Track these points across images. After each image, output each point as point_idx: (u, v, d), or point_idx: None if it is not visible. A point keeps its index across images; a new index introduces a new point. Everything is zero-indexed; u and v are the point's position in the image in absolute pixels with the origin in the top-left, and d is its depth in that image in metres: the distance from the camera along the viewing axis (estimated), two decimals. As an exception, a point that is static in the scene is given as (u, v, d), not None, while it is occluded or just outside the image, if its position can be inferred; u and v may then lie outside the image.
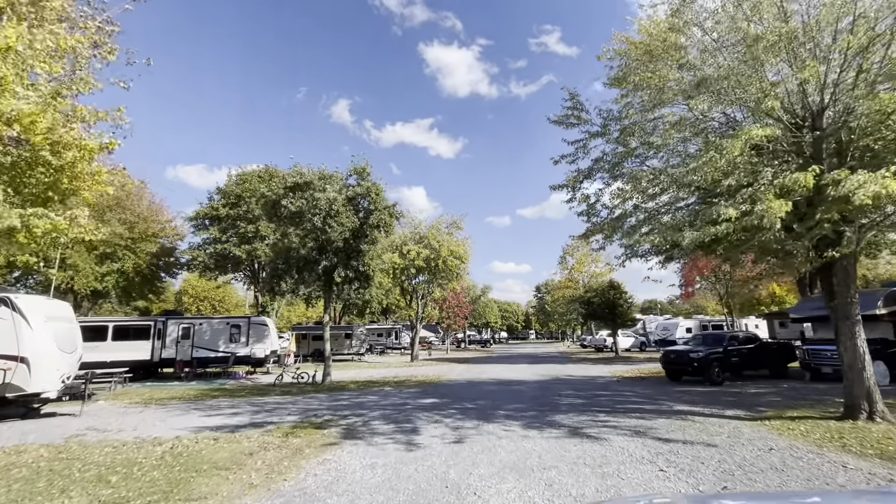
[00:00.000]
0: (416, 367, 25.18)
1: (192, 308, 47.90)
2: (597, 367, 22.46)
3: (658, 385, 14.36)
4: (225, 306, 51.58)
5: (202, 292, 48.18)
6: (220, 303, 50.22)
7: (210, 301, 49.06)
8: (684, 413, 9.38)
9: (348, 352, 32.27)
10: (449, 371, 21.69)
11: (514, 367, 23.15)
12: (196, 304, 48.42)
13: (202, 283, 48.38)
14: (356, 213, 16.19)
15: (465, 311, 41.26)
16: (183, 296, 48.80)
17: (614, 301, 30.93)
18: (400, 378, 18.63)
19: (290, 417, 9.96)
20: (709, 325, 37.75)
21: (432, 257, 26.25)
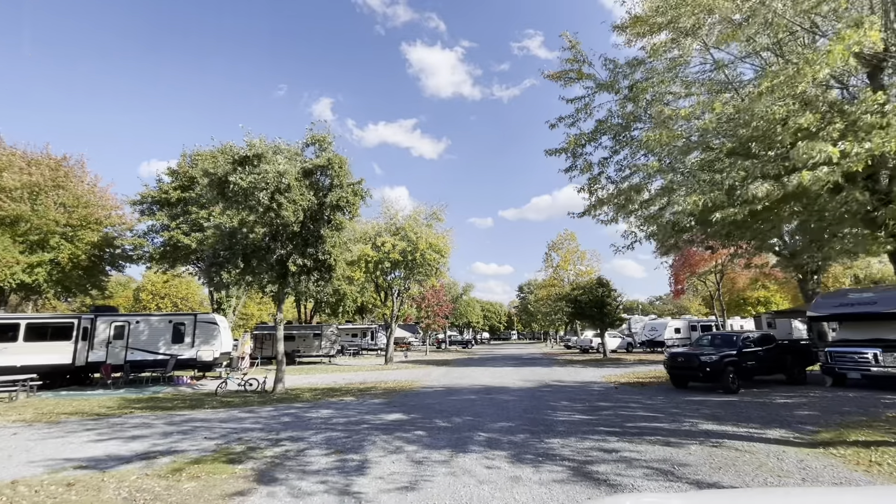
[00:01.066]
0: (389, 370, 22.82)
1: (152, 306, 44.41)
2: (587, 370, 20.49)
3: (664, 393, 12.37)
4: (189, 304, 48.15)
5: (162, 289, 44.73)
6: (184, 300, 46.81)
7: (172, 298, 45.63)
8: (715, 435, 7.32)
9: (317, 353, 29.66)
10: (424, 376, 19.40)
11: (497, 371, 21.00)
12: (156, 301, 44.95)
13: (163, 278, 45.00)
14: (315, 191, 13.76)
15: (446, 309, 39.02)
16: (141, 292, 45.24)
17: (603, 299, 29.12)
18: (367, 384, 16.26)
19: (206, 443, 7.54)
20: (697, 325, 36.43)
21: (409, 250, 23.92)
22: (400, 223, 24.66)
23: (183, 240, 21.45)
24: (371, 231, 24.30)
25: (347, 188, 13.57)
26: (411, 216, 24.90)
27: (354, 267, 23.36)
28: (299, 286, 14.68)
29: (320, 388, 15.24)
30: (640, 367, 21.73)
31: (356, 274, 22.93)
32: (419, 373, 20.89)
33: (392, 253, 23.10)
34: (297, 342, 29.66)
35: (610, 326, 29.70)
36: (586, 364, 24.38)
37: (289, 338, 29.64)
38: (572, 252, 41.60)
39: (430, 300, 37.67)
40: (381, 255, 23.44)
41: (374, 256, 23.04)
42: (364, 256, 23.05)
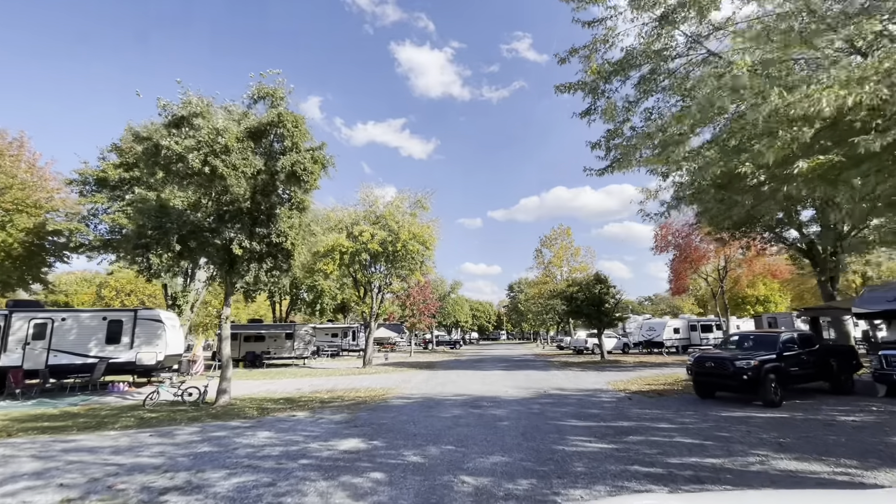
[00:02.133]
0: (366, 375, 20.32)
1: (116, 303, 41.18)
2: (588, 375, 18.23)
3: (691, 406, 10.12)
4: (157, 301, 44.90)
5: (128, 284, 41.49)
6: (151, 297, 43.57)
7: (138, 295, 42.39)
8: (806, 480, 5.02)
9: (290, 355, 26.98)
10: (403, 382, 16.95)
11: (486, 376, 18.63)
12: (121, 298, 41.71)
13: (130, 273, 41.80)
14: (265, 158, 11.21)
15: (432, 308, 36.59)
16: (103, 288, 41.95)
17: (601, 297, 26.97)
18: (334, 393, 13.77)
19: (48, 497, 5.01)
20: (697, 324, 34.60)
21: (390, 241, 21.42)
22: (380, 211, 22.14)
23: (128, 225, 18.66)
24: (347, 219, 21.76)
25: (305, 153, 11.03)
26: (392, 203, 22.40)
27: (328, 259, 20.80)
28: (247, 275, 12.09)
29: (275, 399, 12.69)
30: (645, 370, 19.56)
31: (329, 267, 20.39)
32: (398, 378, 18.42)
33: (370, 243, 20.58)
34: (266, 343, 26.96)
35: (608, 326, 27.56)
36: (585, 367, 22.15)
37: (257, 338, 26.99)
38: (566, 248, 39.47)
39: (416, 297, 35.19)
40: (357, 246, 20.91)
41: (349, 247, 20.50)
42: (339, 247, 20.50)
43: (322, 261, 20.81)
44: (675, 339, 33.81)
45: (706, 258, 29.82)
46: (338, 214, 21.85)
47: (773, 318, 38.24)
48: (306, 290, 32.68)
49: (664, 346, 33.34)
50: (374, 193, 22.65)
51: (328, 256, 20.92)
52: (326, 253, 20.84)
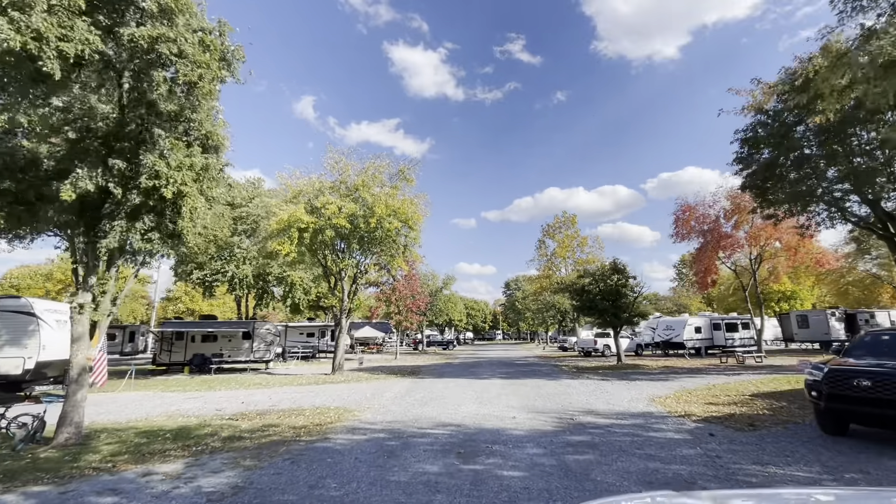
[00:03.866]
0: (329, 384, 15.98)
1: (63, 297, 36.43)
2: (615, 386, 13.98)
3: (829, 449, 5.92)
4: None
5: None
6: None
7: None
8: None
9: (248, 358, 22.55)
10: (373, 397, 12.64)
11: (483, 388, 14.36)
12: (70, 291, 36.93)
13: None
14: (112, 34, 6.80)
15: (421, 303, 32.25)
16: (48, 280, 37.17)
17: (618, 289, 22.79)
18: (264, 419, 9.44)
19: None
20: (721, 323, 30.52)
21: (361, 216, 17.09)
22: (352, 180, 17.78)
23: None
24: (308, 189, 17.39)
25: (184, 30, 6.63)
26: (367, 170, 18.00)
27: (284, 239, 16.39)
28: (110, 236, 7.68)
29: (160, 431, 8.31)
30: (682, 378, 15.40)
31: (284, 247, 16.02)
32: (368, 390, 14.09)
33: (336, 218, 16.21)
34: (219, 344, 22.52)
35: (627, 324, 23.38)
36: (604, 374, 17.92)
37: (208, 338, 22.51)
38: (571, 238, 35.32)
39: (402, 292, 30.86)
40: (321, 223, 16.55)
41: (309, 223, 16.11)
42: (296, 223, 16.12)
43: (276, 240, 16.43)
44: (697, 339, 29.74)
45: (738, 245, 25.72)
46: (297, 184, 17.48)
47: (802, 316, 34.27)
48: (275, 283, 28.25)
49: (685, 347, 29.26)
50: (345, 161, 18.29)
51: (285, 235, 16.53)
52: (282, 230, 16.46)
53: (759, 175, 18.30)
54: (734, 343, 30.36)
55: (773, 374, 16.63)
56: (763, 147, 17.95)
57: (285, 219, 16.02)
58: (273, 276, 28.22)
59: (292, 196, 17.21)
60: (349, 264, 17.97)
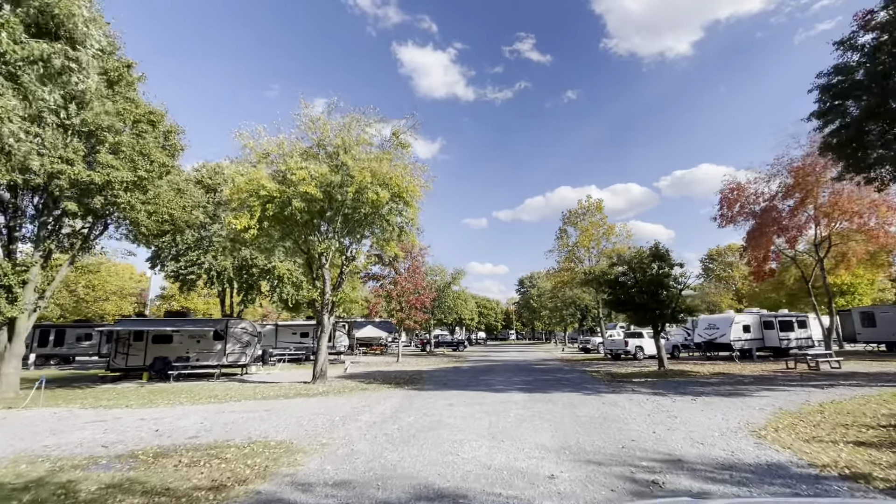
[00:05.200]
0: (298, 398, 12.44)
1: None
2: (681, 405, 10.14)
3: None
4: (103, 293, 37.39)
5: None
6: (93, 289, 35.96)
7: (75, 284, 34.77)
8: None
9: (219, 362, 19.17)
10: (341, 423, 9.02)
11: (497, 405, 10.66)
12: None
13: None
14: None
15: (426, 299, 28.60)
16: None
17: (660, 279, 18.85)
18: (140, 474, 5.87)
19: None
20: (774, 320, 26.25)
21: (337, 184, 13.52)
22: (331, 139, 14.16)
23: None
24: (275, 149, 13.82)
25: None
26: (347, 125, 14.31)
27: (242, 213, 12.88)
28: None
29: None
30: (764, 392, 11.49)
31: (240, 222, 12.49)
32: (342, 409, 10.48)
33: (306, 185, 12.62)
34: (185, 345, 19.21)
35: (671, 321, 19.37)
36: (650, 384, 14.04)
37: (171, 338, 19.23)
38: (596, 226, 31.27)
39: (404, 286, 27.27)
40: (288, 191, 12.99)
41: (272, 191, 12.54)
42: (256, 191, 12.59)
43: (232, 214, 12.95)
44: (746, 339, 25.54)
45: (803, 227, 21.52)
46: (262, 144, 13.93)
47: (867, 313, 29.72)
48: (260, 276, 24.89)
49: (731, 348, 25.09)
50: (325, 120, 14.66)
51: (245, 208, 13.03)
52: (240, 202, 12.96)
53: (850, 130, 14.26)
54: (790, 344, 26.09)
55: (881, 385, 12.60)
56: (857, 94, 13.93)
57: (242, 186, 12.52)
58: (257, 269, 24.87)
59: (257, 160, 13.71)
60: (329, 248, 14.37)
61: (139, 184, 14.33)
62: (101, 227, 15.76)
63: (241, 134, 13.41)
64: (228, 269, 23.80)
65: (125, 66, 14.41)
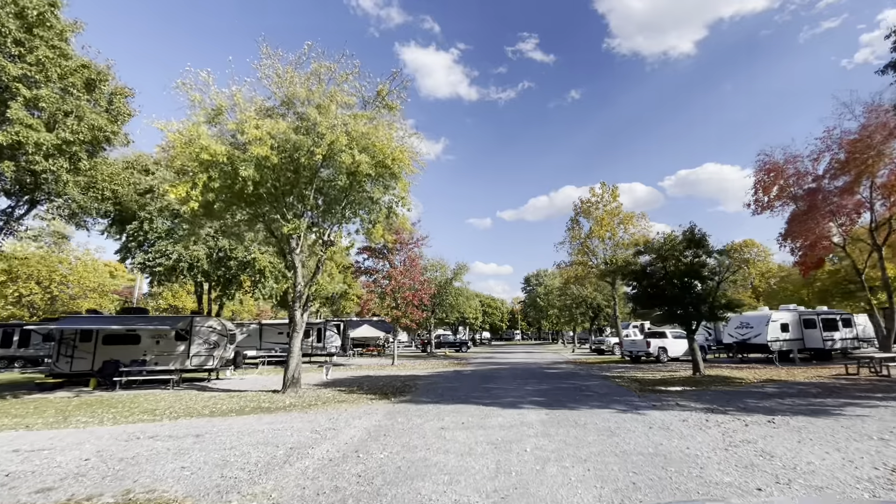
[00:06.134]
0: (253, 416, 9.72)
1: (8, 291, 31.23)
2: (768, 433, 7.34)
3: None
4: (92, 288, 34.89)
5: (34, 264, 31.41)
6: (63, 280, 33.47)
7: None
8: None
9: (181, 365, 16.54)
10: (284, 462, 6.27)
11: (507, 432, 7.92)
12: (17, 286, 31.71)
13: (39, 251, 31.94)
14: None
15: (424, 295, 25.86)
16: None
17: (696, 270, 16.01)
18: None
19: None
20: (816, 318, 23.30)
21: (304, 147, 10.81)
22: (296, 91, 11.42)
23: None
24: (225, 103, 11.09)
25: None
26: (314, 73, 11.52)
27: (182, 182, 10.20)
28: None
29: None
30: (855, 409, 8.66)
31: (177, 191, 9.79)
32: (304, 432, 7.73)
33: (259, 147, 9.90)
34: (142, 346, 16.58)
35: (709, 319, 16.49)
36: (696, 394, 11.20)
37: (125, 338, 16.62)
38: (613, 214, 28.40)
39: (399, 280, 24.55)
40: (238, 157, 10.30)
41: (216, 154, 9.79)
42: (200, 152, 9.90)
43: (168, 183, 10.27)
44: (784, 339, 22.63)
45: (859, 209, 18.57)
46: (213, 98, 11.18)
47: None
48: (238, 269, 22.22)
49: (768, 349, 22.17)
50: (293, 72, 11.91)
51: (187, 175, 10.34)
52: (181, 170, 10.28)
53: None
54: (833, 345, 23.17)
55: None
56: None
57: (179, 146, 9.84)
58: (236, 261, 22.22)
59: (206, 117, 11.01)
60: (297, 229, 11.65)
61: (65, 150, 11.67)
62: (27, 204, 13.13)
63: (182, 84, 10.71)
64: (202, 260, 21.16)
65: (48, 5, 11.75)
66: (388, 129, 12.16)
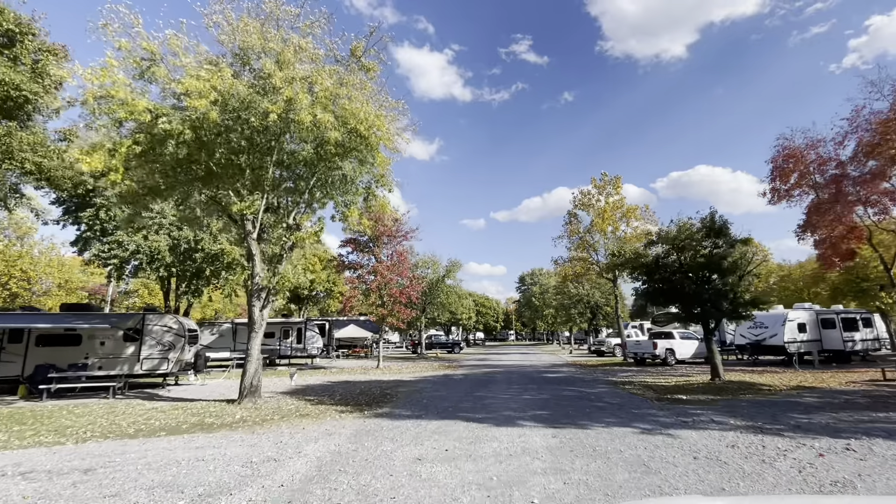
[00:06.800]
0: (186, 436, 7.65)
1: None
2: (878, 473, 5.41)
3: None
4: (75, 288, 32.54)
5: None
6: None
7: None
8: None
9: (130, 370, 14.42)
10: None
11: (506, 465, 5.96)
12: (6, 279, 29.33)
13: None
14: None
15: (412, 292, 23.85)
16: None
17: (717, 261, 14.16)
18: None
19: None
20: (836, 318, 21.59)
21: (263, 108, 8.80)
22: (251, 41, 9.42)
23: None
24: (156, 49, 9.01)
25: None
26: (270, 15, 9.53)
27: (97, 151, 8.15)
28: None
29: None
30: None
31: (92, 161, 7.74)
32: (235, 464, 5.70)
33: (196, 100, 7.87)
34: (83, 348, 14.43)
35: (731, 318, 14.62)
36: (728, 406, 9.30)
37: (64, 339, 14.48)
38: (615, 207, 26.57)
39: (385, 275, 22.54)
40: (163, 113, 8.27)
41: (137, 109, 7.70)
42: (120, 110, 7.86)
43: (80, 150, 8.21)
44: (801, 340, 20.91)
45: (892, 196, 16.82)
46: (141, 47, 9.11)
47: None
48: (204, 262, 20.12)
49: (785, 351, 20.44)
50: (247, 20, 9.90)
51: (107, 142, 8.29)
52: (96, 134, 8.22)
53: None
54: (854, 346, 21.48)
55: None
56: None
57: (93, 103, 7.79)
58: (202, 253, 20.10)
59: (136, 70, 8.95)
60: (250, 207, 9.61)
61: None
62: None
63: (105, 26, 8.63)
64: (163, 252, 19.01)
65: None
66: (361, 91, 10.16)
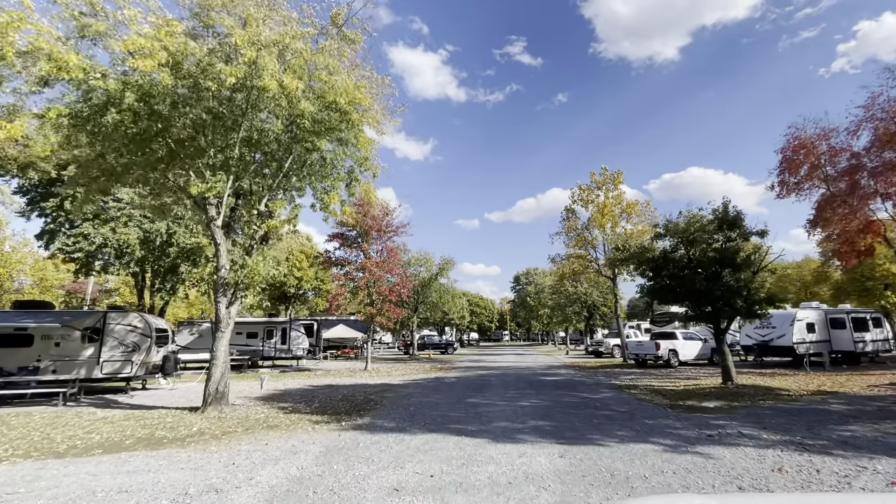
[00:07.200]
0: (125, 454, 6.38)
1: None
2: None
3: None
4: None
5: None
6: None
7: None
8: None
9: (88, 374, 13.08)
10: None
11: (506, 483, 4.77)
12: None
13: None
14: None
15: (402, 290, 22.62)
16: None
17: (731, 255, 13.08)
18: None
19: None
20: (846, 318, 20.67)
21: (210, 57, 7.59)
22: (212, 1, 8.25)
23: None
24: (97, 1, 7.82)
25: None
26: None
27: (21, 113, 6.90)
28: None
29: None
30: None
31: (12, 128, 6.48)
32: (172, 492, 4.49)
33: (143, 60, 6.65)
34: (35, 349, 13.07)
35: (746, 316, 13.54)
36: (754, 415, 8.17)
37: (14, 339, 13.08)
38: (615, 202, 25.52)
39: (374, 271, 21.31)
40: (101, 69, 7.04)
41: (67, 65, 6.46)
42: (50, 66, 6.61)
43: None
44: (810, 341, 19.95)
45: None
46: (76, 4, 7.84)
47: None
48: (178, 257, 18.78)
49: (794, 352, 19.46)
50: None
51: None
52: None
53: None
54: (864, 347, 20.56)
55: None
56: None
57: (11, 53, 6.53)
58: (176, 248, 18.75)
59: (76, 29, 7.69)
60: (211, 190, 8.39)
61: None
62: None
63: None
64: (134, 246, 17.66)
65: None
66: (339, 60, 8.96)
